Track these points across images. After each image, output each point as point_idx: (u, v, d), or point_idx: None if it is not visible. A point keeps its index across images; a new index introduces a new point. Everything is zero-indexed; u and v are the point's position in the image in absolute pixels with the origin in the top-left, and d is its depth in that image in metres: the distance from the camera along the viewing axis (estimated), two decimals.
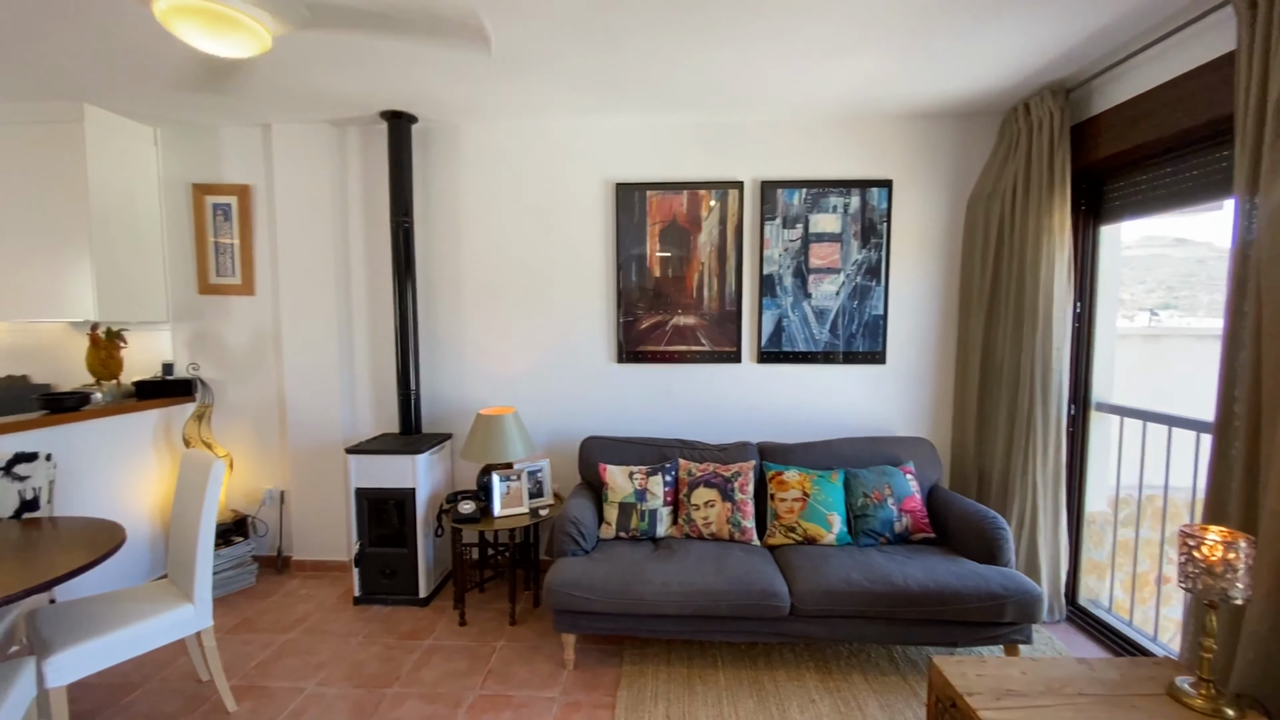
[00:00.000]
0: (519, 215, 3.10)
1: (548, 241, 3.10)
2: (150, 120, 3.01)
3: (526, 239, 3.10)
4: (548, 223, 3.09)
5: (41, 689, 1.62)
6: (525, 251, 3.11)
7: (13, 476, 2.07)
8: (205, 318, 3.19)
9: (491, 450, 2.75)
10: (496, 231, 3.11)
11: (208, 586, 1.98)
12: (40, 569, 1.60)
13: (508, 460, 2.78)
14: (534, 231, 3.10)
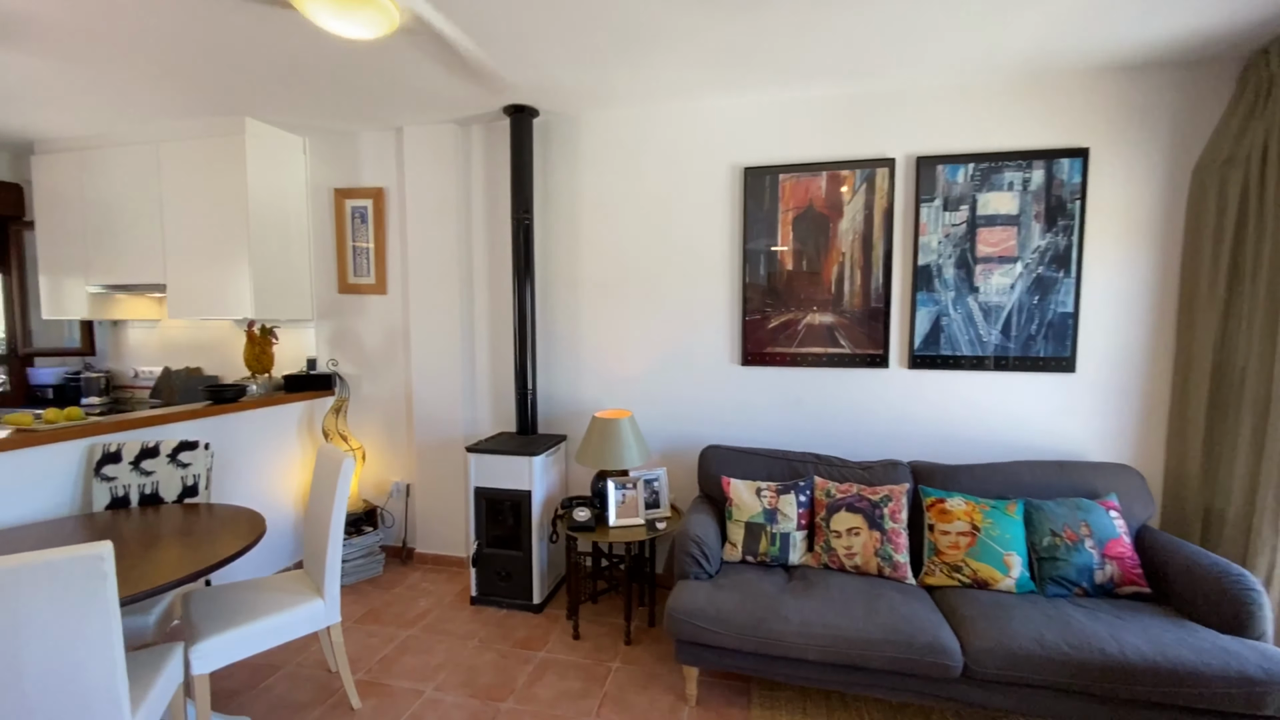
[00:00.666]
0: (638, 208, 2.93)
1: (668, 235, 2.90)
2: (301, 130, 3.20)
3: (645, 233, 2.92)
4: (668, 214, 2.89)
5: (188, 675, 1.68)
6: (643, 246, 2.93)
7: (177, 463, 2.22)
8: (344, 316, 3.35)
9: (607, 456, 2.59)
10: (614, 226, 2.97)
11: (336, 583, 2.00)
12: (202, 554, 1.65)
13: (623, 468, 2.62)
14: (653, 224, 2.91)
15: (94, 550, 1.22)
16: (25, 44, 2.20)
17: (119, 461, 2.17)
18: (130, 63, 2.37)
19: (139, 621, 1.88)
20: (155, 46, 2.24)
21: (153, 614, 1.90)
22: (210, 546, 1.73)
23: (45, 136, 3.28)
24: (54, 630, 1.21)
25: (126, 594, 1.41)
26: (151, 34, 2.14)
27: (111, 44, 2.21)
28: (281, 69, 2.42)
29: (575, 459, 2.73)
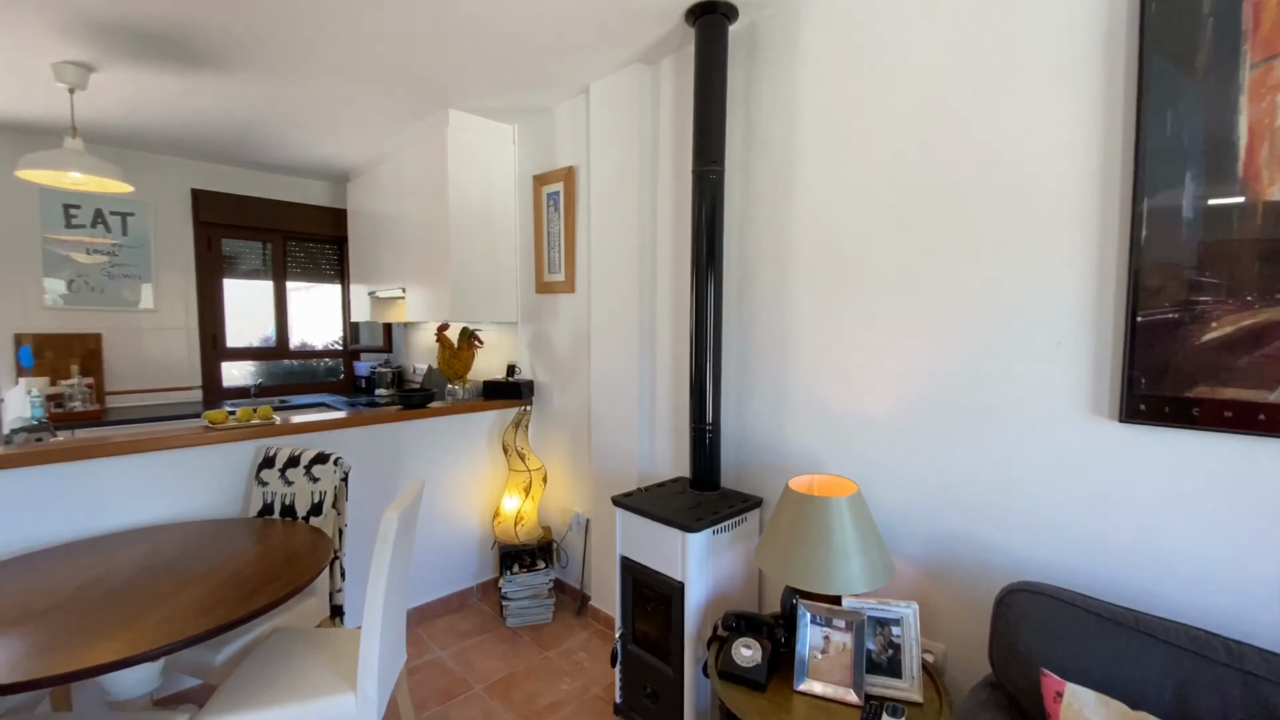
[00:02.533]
0: (892, 130, 1.66)
1: (948, 170, 1.56)
2: (508, 116, 2.94)
3: (902, 173, 1.64)
4: (950, 132, 1.55)
5: None
6: (900, 197, 1.65)
7: (310, 477, 2.08)
8: (541, 318, 2.99)
9: (801, 562, 1.48)
10: (848, 167, 1.77)
11: (373, 677, 1.47)
12: (218, 607, 1.34)
13: (830, 591, 1.46)
14: (919, 156, 1.61)
15: None
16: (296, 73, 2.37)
17: (272, 468, 2.13)
18: (354, 71, 2.37)
19: (201, 658, 1.70)
20: (371, 48, 2.18)
21: (223, 651, 1.70)
22: (240, 596, 1.41)
23: (353, 164, 3.85)
24: None
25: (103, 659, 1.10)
26: (364, 36, 2.05)
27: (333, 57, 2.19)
28: (474, 38, 2.11)
29: (756, 557, 1.68)
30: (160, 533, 1.87)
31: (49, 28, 2.06)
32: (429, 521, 2.74)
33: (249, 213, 3.96)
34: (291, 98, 2.69)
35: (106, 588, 1.47)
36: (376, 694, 1.48)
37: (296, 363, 4.34)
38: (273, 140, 3.31)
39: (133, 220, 3.58)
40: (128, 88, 2.58)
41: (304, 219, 4.18)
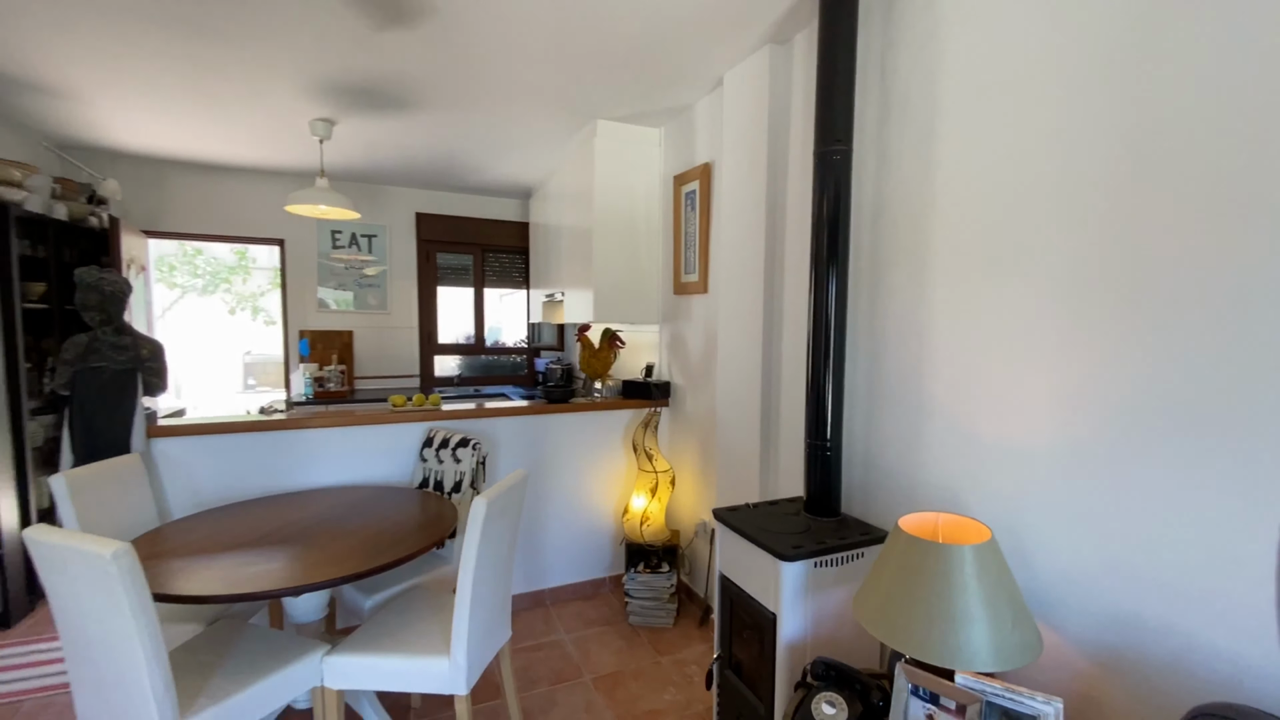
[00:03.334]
0: (1069, 83, 1.26)
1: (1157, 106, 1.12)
2: (656, 120, 2.98)
3: (1085, 127, 1.23)
4: (1159, 69, 1.11)
5: (319, 686, 1.64)
6: (1088, 161, 1.24)
7: (454, 458, 2.35)
8: (678, 319, 2.97)
9: (903, 620, 1.21)
10: (1005, 138, 1.39)
11: (463, 649, 1.61)
12: (357, 559, 1.62)
13: (938, 662, 1.16)
14: (1105, 101, 1.19)
15: (103, 550, 1.22)
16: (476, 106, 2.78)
17: (431, 447, 2.46)
18: (518, 98, 2.67)
19: (355, 600, 2.03)
20: (530, 75, 2.43)
21: (372, 599, 2.01)
22: (376, 553, 1.73)
23: (532, 181, 4.28)
24: (98, 604, 1.28)
25: (267, 588, 1.44)
26: (525, 62, 2.31)
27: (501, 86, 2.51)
28: (612, 45, 2.19)
29: (853, 609, 1.42)
30: (347, 492, 2.30)
31: (304, 94, 2.68)
32: (563, 509, 2.91)
33: (457, 230, 4.67)
34: (476, 127, 3.09)
35: (296, 530, 1.85)
36: (465, 662, 1.61)
37: (491, 357, 4.99)
38: (470, 165, 3.85)
39: (375, 240, 4.48)
40: (361, 134, 3.24)
41: (499, 233, 4.79)
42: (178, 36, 2.15)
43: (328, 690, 1.64)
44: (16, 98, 2.77)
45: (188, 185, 4.01)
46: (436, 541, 1.81)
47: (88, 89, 2.66)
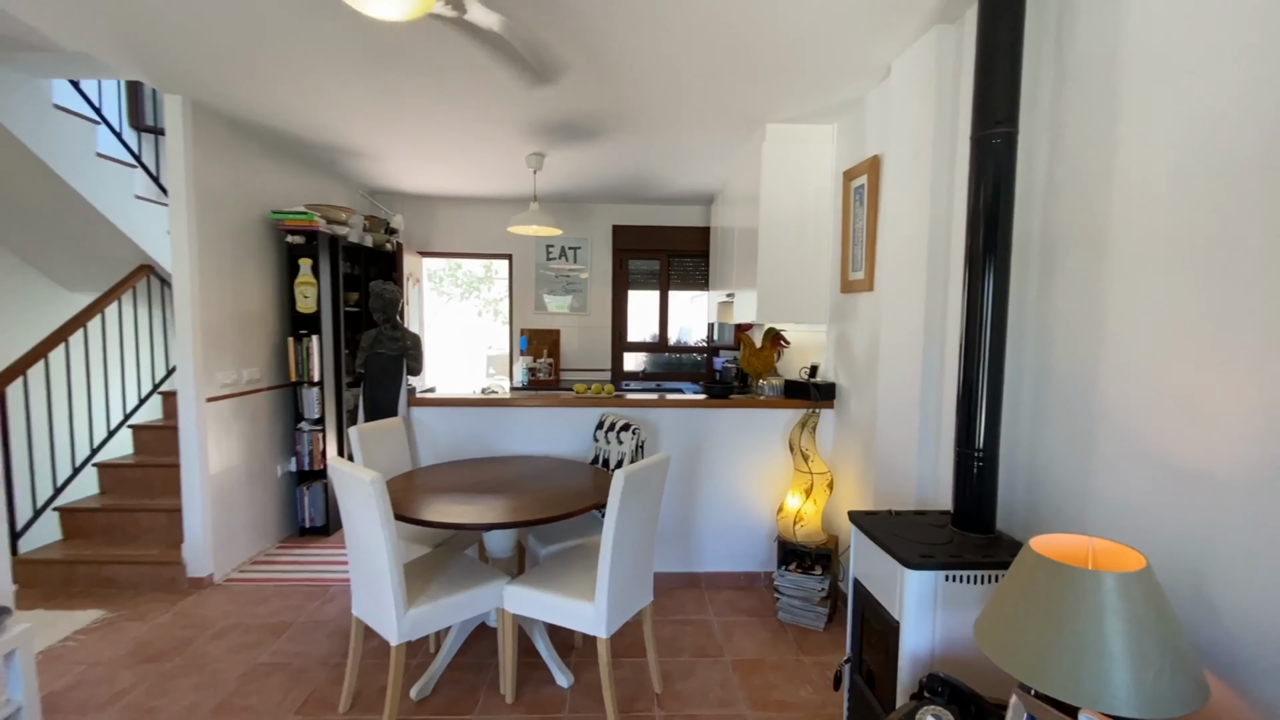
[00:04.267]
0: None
1: None
2: (828, 116, 2.95)
3: None
4: None
5: (501, 608, 2.06)
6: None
7: (618, 440, 2.66)
8: (844, 318, 2.89)
9: (1029, 647, 1.13)
10: (1201, 106, 1.15)
11: (605, 595, 1.88)
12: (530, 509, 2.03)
13: (1066, 699, 1.06)
14: None
15: (365, 476, 1.75)
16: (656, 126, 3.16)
17: (602, 429, 2.82)
18: (695, 112, 2.94)
19: (536, 548, 2.44)
20: (704, 89, 2.63)
21: (547, 549, 2.41)
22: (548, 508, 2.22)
23: (713, 188, 4.49)
24: (362, 515, 1.83)
25: (464, 521, 1.93)
26: (699, 76, 2.52)
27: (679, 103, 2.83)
28: (779, 49, 2.25)
29: (975, 632, 1.32)
30: (537, 460, 2.77)
31: (521, 136, 3.28)
32: (719, 499, 3.05)
33: (646, 238, 5.11)
34: (658, 145, 3.42)
35: (498, 484, 2.34)
36: (606, 611, 1.88)
37: (673, 355, 5.34)
38: (656, 179, 4.22)
39: (579, 252, 5.14)
40: (566, 162, 3.81)
41: (683, 239, 5.11)
42: (439, 108, 2.86)
43: (505, 612, 2.06)
44: (345, 161, 3.91)
45: (447, 214, 5.13)
46: (594, 506, 2.12)
47: (385, 151, 3.64)
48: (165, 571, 3.02)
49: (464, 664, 2.33)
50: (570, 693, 2.17)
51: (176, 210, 2.88)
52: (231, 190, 3.19)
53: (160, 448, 3.57)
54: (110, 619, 2.71)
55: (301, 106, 2.91)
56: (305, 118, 3.07)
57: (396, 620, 1.84)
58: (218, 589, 3.00)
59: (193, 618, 2.72)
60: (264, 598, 2.91)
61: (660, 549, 3.03)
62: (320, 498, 3.67)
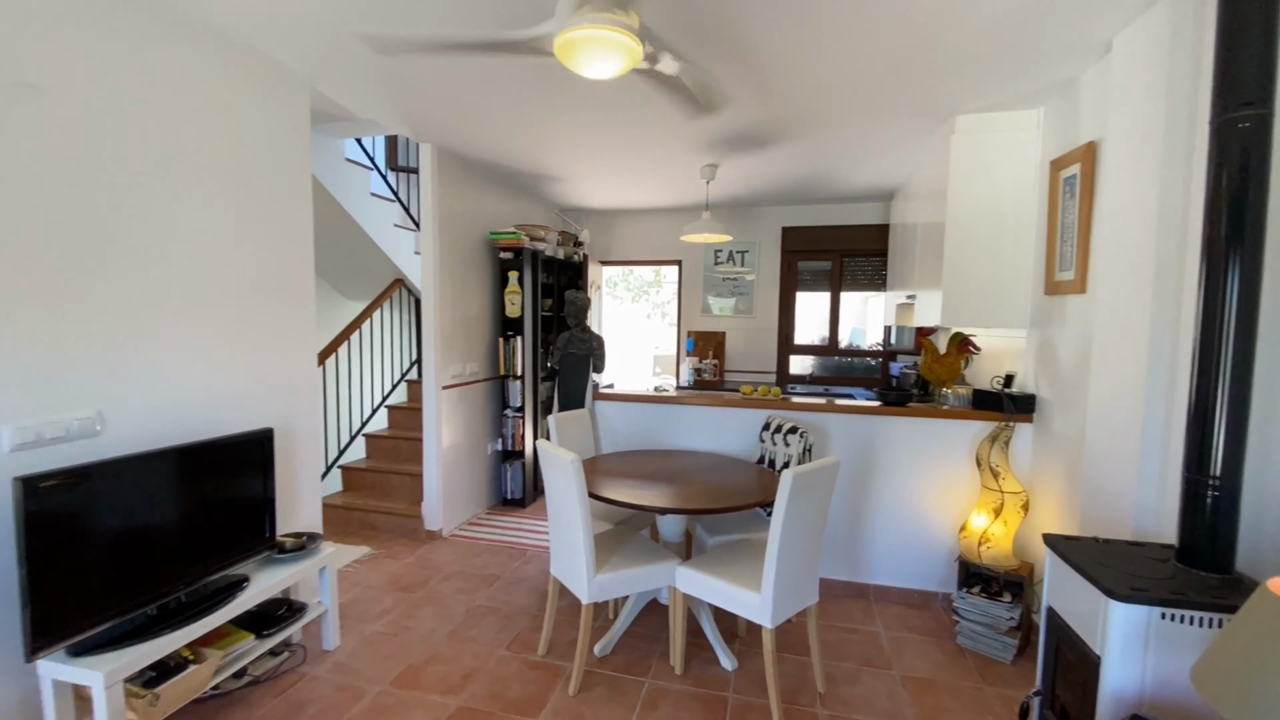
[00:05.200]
0: None
1: None
2: (1032, 101, 2.69)
3: None
4: None
5: (673, 586, 2.27)
6: None
7: (785, 443, 2.72)
8: (1048, 323, 2.60)
9: (1266, 702, 1.01)
10: None
11: (771, 587, 1.98)
12: (705, 500, 2.22)
13: None
14: None
15: (566, 456, 2.08)
16: (830, 128, 3.20)
17: (768, 430, 2.90)
18: (874, 110, 2.93)
19: (703, 538, 2.60)
20: (884, 86, 2.56)
21: (714, 539, 2.56)
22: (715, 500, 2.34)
23: (893, 184, 4.27)
24: (563, 489, 2.17)
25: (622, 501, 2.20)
26: (878, 75, 2.60)
27: (857, 104, 2.86)
28: (973, 36, 2.11)
29: (1192, 679, 1.18)
30: (704, 456, 2.96)
31: (695, 150, 3.50)
32: (892, 511, 2.93)
33: (817, 239, 5.03)
34: (833, 146, 3.41)
35: (668, 474, 2.58)
36: (771, 603, 1.98)
37: (844, 359, 5.16)
38: (829, 179, 4.16)
39: (747, 255, 5.24)
40: (737, 171, 3.95)
41: (857, 238, 4.92)
42: (624, 134, 3.19)
43: (677, 590, 2.27)
44: (544, 185, 4.50)
45: (625, 226, 5.57)
46: (760, 503, 2.24)
47: (574, 174, 4.13)
48: (409, 523, 3.80)
49: (638, 633, 2.60)
50: (734, 675, 2.31)
51: (426, 234, 3.61)
52: (462, 217, 3.89)
53: (406, 424, 4.47)
54: (374, 555, 3.49)
55: (517, 145, 3.45)
56: (518, 153, 3.62)
57: (587, 582, 2.15)
58: (445, 541, 3.69)
59: (429, 561, 3.39)
60: (478, 553, 3.51)
61: (827, 555, 3.02)
62: (519, 474, 4.28)
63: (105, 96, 1.83)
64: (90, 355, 1.82)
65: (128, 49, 1.89)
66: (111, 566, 1.74)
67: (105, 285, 1.85)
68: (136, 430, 1.94)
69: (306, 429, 2.66)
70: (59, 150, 1.72)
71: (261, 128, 2.38)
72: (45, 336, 1.70)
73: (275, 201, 2.45)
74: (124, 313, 1.91)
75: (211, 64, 2.16)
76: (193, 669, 1.86)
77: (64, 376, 1.75)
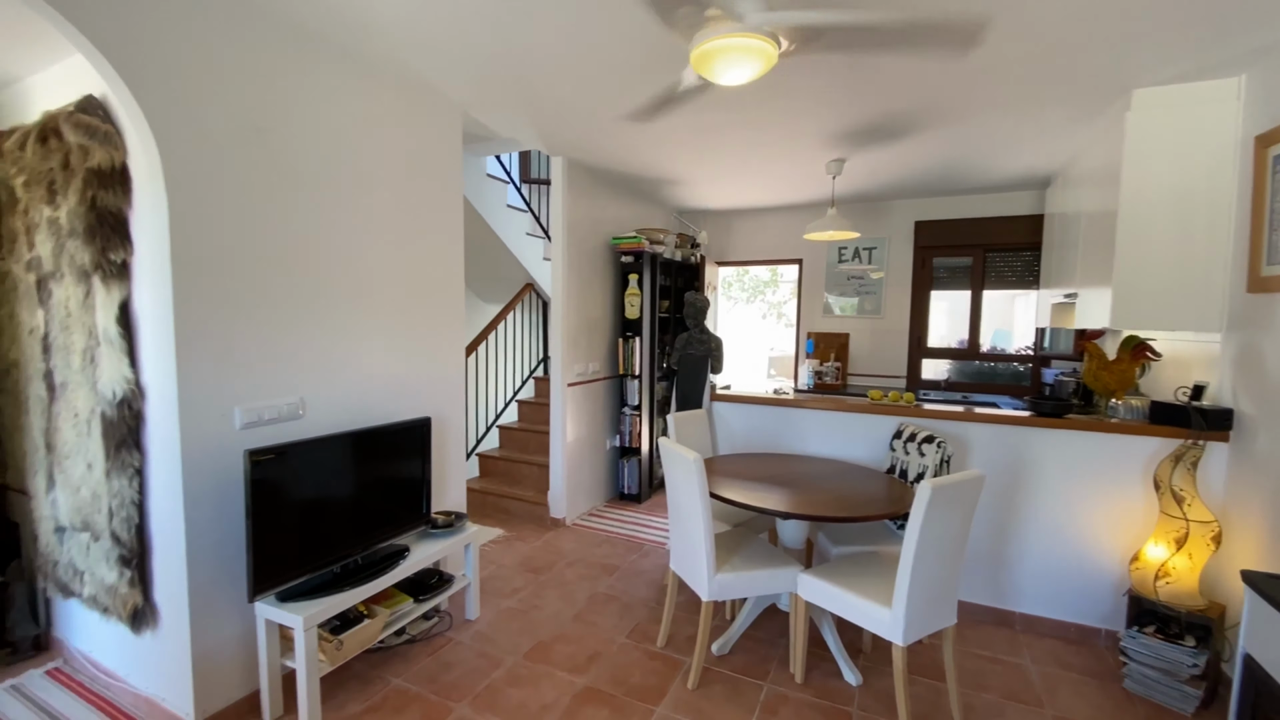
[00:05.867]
0: None
1: None
2: (1231, 68, 2.31)
3: None
4: None
5: (794, 593, 2.23)
6: None
7: (919, 452, 2.55)
8: (1252, 325, 2.21)
9: None
10: None
11: (903, 605, 1.89)
12: (833, 508, 2.18)
13: None
14: None
15: (689, 455, 2.13)
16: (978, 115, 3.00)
17: (900, 439, 2.75)
18: (1029, 92, 2.70)
19: (827, 548, 2.51)
20: (1045, 65, 2.32)
21: (837, 549, 2.47)
22: (843, 509, 2.38)
23: (1048, 170, 3.83)
24: (684, 487, 2.22)
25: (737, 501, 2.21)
26: (1039, 54, 2.25)
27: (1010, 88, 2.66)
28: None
29: None
30: (827, 462, 2.87)
31: (822, 146, 3.40)
32: (1044, 533, 2.64)
33: (956, 233, 4.64)
34: (979, 133, 3.14)
35: (790, 479, 2.54)
36: (904, 618, 1.89)
37: (986, 364, 4.72)
38: (973, 168, 3.84)
39: (875, 252, 4.97)
40: (866, 164, 3.77)
41: (1004, 230, 4.48)
42: (746, 134, 3.19)
43: (799, 597, 2.23)
44: (663, 190, 4.60)
45: (743, 226, 5.53)
46: (892, 515, 2.14)
47: (693, 177, 4.18)
48: (536, 510, 4.07)
49: (757, 636, 2.59)
50: (859, 691, 2.22)
51: (556, 241, 3.85)
52: (587, 223, 4.09)
53: (534, 418, 4.79)
54: (507, 537, 3.79)
55: (641, 153, 3.57)
56: (641, 160, 3.75)
57: (708, 580, 2.19)
58: (568, 529, 3.91)
59: (555, 547, 3.62)
60: (598, 543, 3.68)
61: (967, 575, 2.80)
62: (636, 470, 4.41)
63: (309, 133, 2.19)
64: (296, 350, 2.18)
65: (326, 92, 2.24)
66: (306, 529, 2.08)
67: (309, 291, 2.20)
68: (327, 415, 2.30)
69: (454, 419, 2.96)
70: (276, 178, 2.08)
71: (425, 151, 2.69)
72: (265, 334, 2.07)
73: (435, 215, 2.76)
74: (323, 315, 2.26)
75: (387, 99, 2.49)
76: (367, 622, 2.17)
77: (277, 368, 2.12)
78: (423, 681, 2.27)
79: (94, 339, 1.98)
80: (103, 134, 1.83)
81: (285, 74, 2.09)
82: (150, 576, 1.98)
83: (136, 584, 1.96)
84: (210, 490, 1.93)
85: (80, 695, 2.15)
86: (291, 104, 2.12)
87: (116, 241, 1.88)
